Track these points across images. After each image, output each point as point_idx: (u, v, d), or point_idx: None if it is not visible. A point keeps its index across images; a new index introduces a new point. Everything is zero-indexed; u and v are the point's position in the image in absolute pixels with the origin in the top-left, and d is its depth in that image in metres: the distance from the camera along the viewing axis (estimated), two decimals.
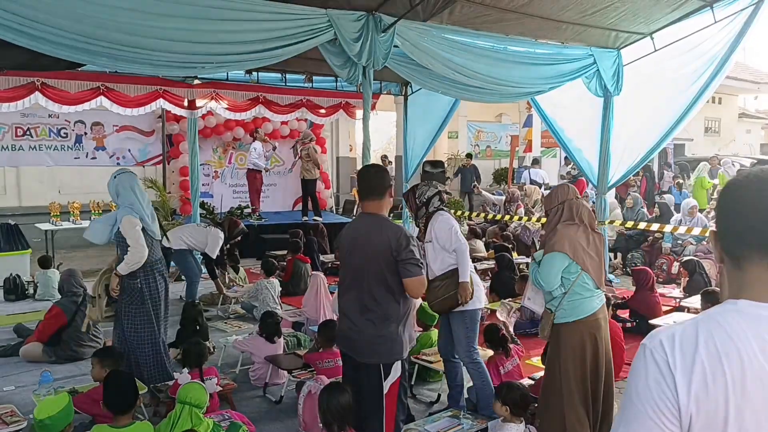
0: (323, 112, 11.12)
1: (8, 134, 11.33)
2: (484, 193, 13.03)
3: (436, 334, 5.43)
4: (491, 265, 8.55)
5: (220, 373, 4.87)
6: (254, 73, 9.33)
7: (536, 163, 16.75)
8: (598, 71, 8.04)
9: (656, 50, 7.80)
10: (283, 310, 7.03)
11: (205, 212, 10.70)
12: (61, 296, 6.08)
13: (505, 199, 12.22)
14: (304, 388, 4.17)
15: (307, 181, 11.90)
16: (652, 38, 7.76)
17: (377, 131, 20.10)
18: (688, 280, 7.61)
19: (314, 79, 10.02)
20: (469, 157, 16.55)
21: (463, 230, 11.14)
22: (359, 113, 8.08)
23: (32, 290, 8.19)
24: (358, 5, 6.09)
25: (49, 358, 5.62)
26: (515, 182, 16.14)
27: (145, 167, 12.82)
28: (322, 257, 9.94)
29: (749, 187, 1.21)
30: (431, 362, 4.93)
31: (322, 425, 3.23)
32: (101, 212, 9.20)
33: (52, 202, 9.81)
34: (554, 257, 3.67)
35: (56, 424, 3.04)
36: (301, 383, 4.48)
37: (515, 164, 18.10)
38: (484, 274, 8.50)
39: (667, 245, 9.47)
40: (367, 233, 3.35)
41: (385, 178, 3.47)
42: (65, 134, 11.95)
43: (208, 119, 12.06)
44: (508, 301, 7.29)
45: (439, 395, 4.84)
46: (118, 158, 12.56)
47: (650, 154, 8.39)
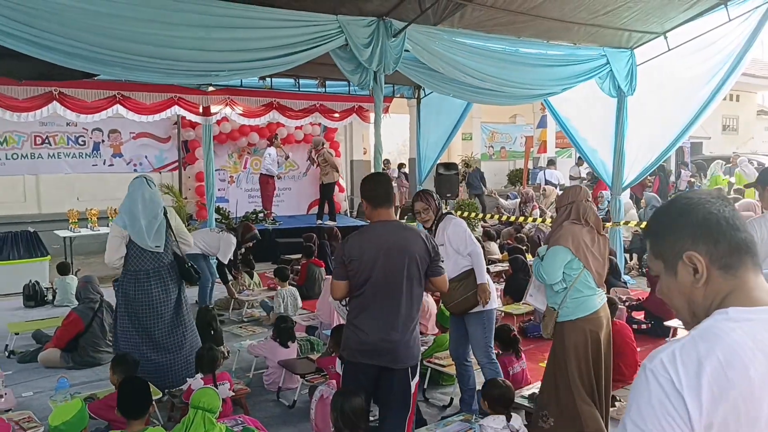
0: (337, 116, 11.16)
1: (27, 143, 11.53)
2: (500, 200, 12.98)
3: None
4: (506, 267, 8.53)
5: (234, 377, 4.91)
6: (268, 78, 9.40)
7: (552, 164, 16.67)
8: (611, 72, 8.00)
9: (670, 49, 7.74)
10: (297, 314, 7.07)
11: (220, 217, 10.79)
12: (78, 303, 6.17)
13: (519, 200, 12.17)
14: (316, 392, 4.19)
15: (326, 185, 11.99)
16: (665, 37, 7.71)
17: (392, 134, 20.09)
18: None
19: (327, 83, 10.06)
20: (467, 166, 16.86)
21: (477, 232, 11.17)
22: (372, 117, 8.12)
23: (51, 297, 8.30)
24: (368, 11, 6.12)
25: (66, 363, 5.69)
26: (530, 183, 16.07)
27: (161, 173, 12.95)
28: None
29: (718, 203, 1.30)
30: (443, 366, 4.92)
31: (334, 430, 3.24)
32: None
33: (70, 209, 9.94)
34: (557, 251, 3.73)
35: (70, 429, 3.08)
36: (313, 387, 4.51)
37: (530, 165, 18.03)
38: (498, 276, 8.48)
39: None
40: (403, 239, 3.32)
41: (391, 187, 3.52)
42: (83, 142, 12.13)
43: (223, 125, 12.17)
44: (522, 303, 7.29)
45: (451, 399, 4.83)
46: (135, 165, 12.71)
47: (665, 153, 8.34)
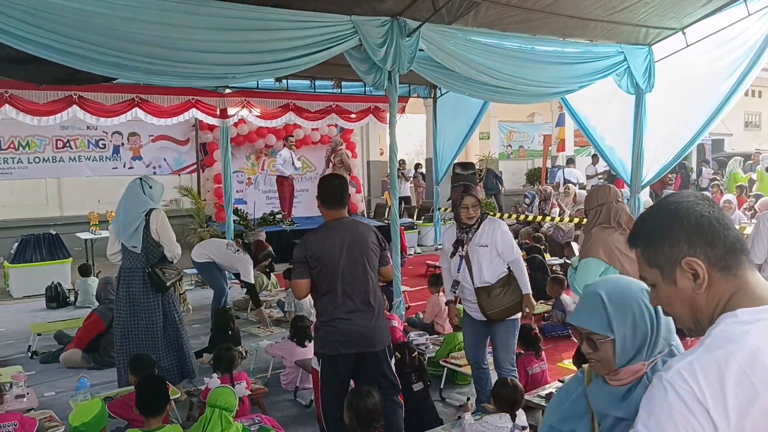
0: (353, 117, 11.19)
1: (49, 147, 11.72)
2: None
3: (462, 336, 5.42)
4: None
5: (251, 377, 4.95)
6: (284, 80, 9.46)
7: (571, 162, 16.52)
8: (629, 68, 7.92)
9: (688, 45, 7.66)
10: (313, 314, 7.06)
11: (238, 219, 10.86)
12: (98, 303, 6.25)
13: (539, 198, 12.08)
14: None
15: None
16: (683, 33, 7.62)
17: (410, 134, 20.06)
18: None
19: (343, 84, 10.12)
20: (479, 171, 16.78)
21: None
22: (389, 117, 8.14)
23: (73, 298, 8.42)
24: (382, 11, 6.12)
25: (87, 364, 5.77)
26: (549, 182, 15.96)
27: (180, 176, 13.09)
28: None
29: (706, 204, 1.28)
30: (460, 366, 4.91)
31: (348, 430, 3.25)
32: None
33: (91, 211, 10.06)
34: (589, 263, 3.63)
35: (90, 429, 3.12)
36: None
37: (549, 164, 17.91)
38: None
39: None
40: (359, 233, 3.62)
41: (346, 188, 3.83)
42: (103, 145, 12.30)
43: (240, 127, 12.26)
44: (539, 303, 7.24)
45: (468, 398, 4.81)
46: (154, 167, 12.86)
47: (684, 150, 8.23)
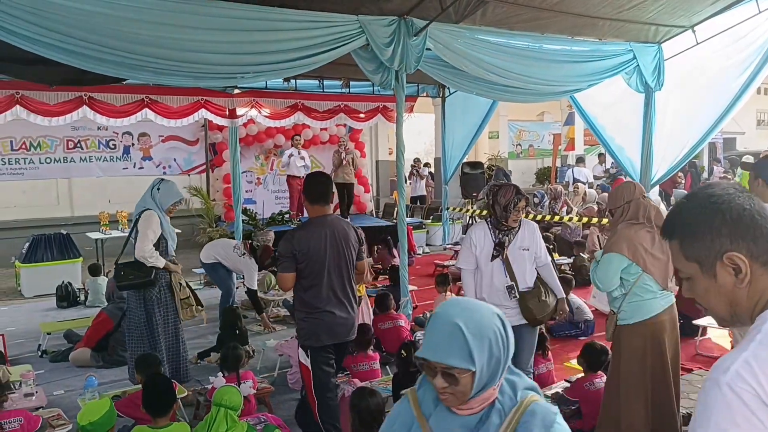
0: (362, 116, 11.17)
1: (60, 147, 11.81)
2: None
3: None
4: None
5: (258, 376, 4.97)
6: (292, 80, 9.48)
7: (580, 161, 16.47)
8: (638, 67, 7.88)
9: (698, 43, 7.60)
10: None
11: (247, 218, 10.89)
12: (108, 303, 6.28)
13: (549, 197, 12.04)
14: (337, 391, 4.21)
15: (347, 184, 11.99)
16: (693, 31, 7.57)
17: (420, 133, 20.03)
18: None
19: (351, 84, 10.11)
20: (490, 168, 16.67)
21: None
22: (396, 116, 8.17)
23: (83, 297, 8.49)
24: (389, 10, 6.12)
25: (96, 363, 5.81)
26: (558, 181, 15.91)
27: (190, 176, 13.15)
28: None
29: (745, 197, 1.26)
30: None
31: (354, 429, 3.25)
32: None
33: (101, 211, 10.13)
34: (611, 258, 3.61)
35: (98, 429, 3.14)
36: (336, 387, 4.52)
37: (558, 163, 17.84)
38: None
39: None
40: (342, 230, 3.86)
41: (331, 186, 4.02)
42: (114, 146, 12.38)
43: (249, 127, 12.30)
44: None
45: None
46: (164, 168, 12.93)
47: (695, 149, 8.16)
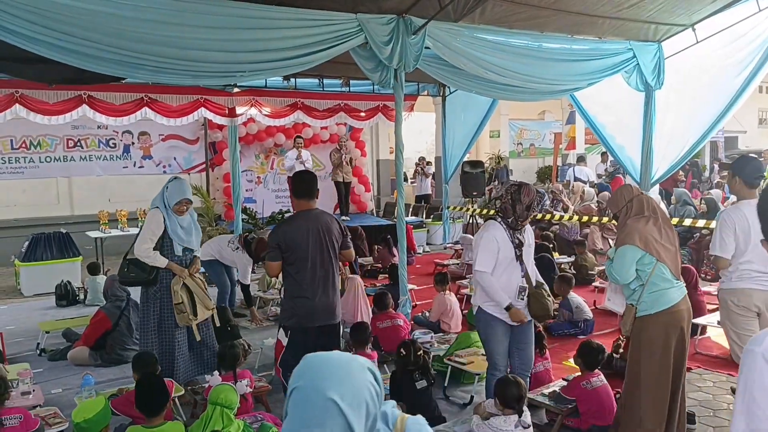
0: (362, 115, 11.17)
1: (60, 146, 11.82)
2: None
3: (477, 335, 5.38)
4: None
5: (256, 374, 4.97)
6: (292, 79, 9.48)
7: (581, 160, 16.43)
8: (638, 65, 7.87)
9: (698, 41, 7.59)
10: None
11: (247, 217, 10.89)
12: (106, 301, 6.29)
13: (550, 197, 12.02)
14: None
15: (345, 183, 11.97)
16: (693, 29, 7.56)
17: (421, 132, 20.03)
18: None
19: (351, 82, 10.11)
20: (500, 160, 16.52)
21: None
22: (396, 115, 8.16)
23: (82, 296, 8.49)
24: (387, 8, 6.11)
25: (95, 361, 5.81)
26: (559, 180, 15.88)
27: (190, 174, 13.14)
28: (360, 260, 9.99)
29: None
30: (464, 364, 4.89)
31: None
32: None
33: (101, 210, 10.13)
34: (625, 251, 3.65)
35: (93, 426, 3.13)
36: None
37: (559, 162, 17.81)
38: None
39: None
40: (325, 223, 4.19)
41: (316, 182, 4.31)
42: (114, 144, 12.39)
43: (249, 126, 12.29)
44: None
45: (472, 397, 4.80)
46: (164, 167, 12.94)
47: (695, 148, 8.14)
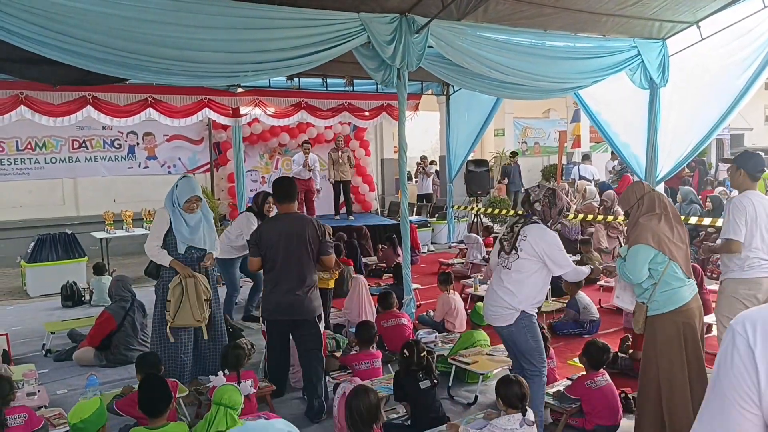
0: (366, 114, 11.17)
1: (65, 147, 11.86)
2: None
3: (480, 334, 5.39)
4: None
5: (260, 375, 4.97)
6: (295, 78, 9.49)
7: (586, 158, 16.39)
8: (642, 63, 7.85)
9: (703, 39, 7.56)
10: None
11: None
12: (111, 301, 6.29)
13: None
14: (338, 389, 4.20)
15: (343, 182, 11.92)
16: (698, 27, 7.54)
17: (426, 131, 20.02)
18: None
19: (355, 82, 10.11)
20: (514, 155, 16.16)
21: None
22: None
23: (88, 296, 8.50)
24: (390, 7, 6.11)
25: (100, 362, 5.82)
26: (564, 179, 15.83)
27: (195, 175, 13.10)
28: (364, 260, 10.00)
29: None
30: (468, 364, 4.88)
31: (348, 428, 3.24)
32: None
33: (106, 211, 10.16)
34: (638, 250, 3.65)
35: (89, 426, 3.12)
36: (338, 385, 4.52)
37: (564, 161, 17.75)
38: None
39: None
40: (299, 227, 4.55)
41: (295, 188, 4.74)
42: (119, 145, 12.42)
43: (254, 126, 12.28)
44: (553, 300, 7.18)
45: (476, 396, 4.79)
46: (169, 167, 12.97)
47: (700, 145, 8.12)
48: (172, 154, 13.03)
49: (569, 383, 4.38)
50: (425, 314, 6.81)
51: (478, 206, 12.37)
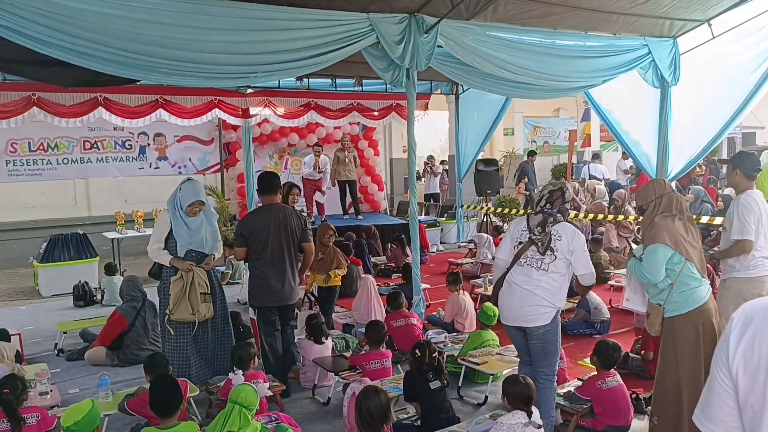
0: (376, 114, 11.15)
1: (77, 148, 11.96)
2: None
3: (489, 334, 5.39)
4: None
5: (269, 374, 4.98)
6: (305, 79, 9.50)
7: (597, 157, 16.27)
8: (653, 62, 7.81)
9: (714, 37, 7.51)
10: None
11: None
12: (122, 301, 6.34)
13: None
14: (348, 389, 4.21)
15: (349, 181, 11.93)
16: (709, 25, 7.49)
17: (436, 131, 19.97)
18: None
19: (364, 82, 10.11)
20: (532, 154, 15.91)
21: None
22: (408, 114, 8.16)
23: (100, 296, 8.58)
24: (399, 7, 6.11)
25: (111, 361, 5.87)
26: (574, 178, 15.75)
27: (205, 175, 13.23)
28: (373, 259, 10.00)
29: None
30: (478, 364, 4.88)
31: (358, 428, 3.25)
32: None
33: (118, 211, 10.24)
34: (656, 249, 3.61)
35: (83, 428, 3.12)
36: (347, 385, 4.53)
37: (574, 160, 17.67)
38: None
39: None
40: (284, 216, 4.97)
41: (278, 181, 5.23)
42: (130, 146, 12.51)
43: (263, 126, 12.31)
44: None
45: (486, 397, 4.78)
46: (180, 167, 13.04)
47: (711, 144, 8.05)
48: (182, 154, 13.10)
49: (580, 384, 4.37)
50: (435, 314, 6.81)
51: (487, 206, 12.34)
